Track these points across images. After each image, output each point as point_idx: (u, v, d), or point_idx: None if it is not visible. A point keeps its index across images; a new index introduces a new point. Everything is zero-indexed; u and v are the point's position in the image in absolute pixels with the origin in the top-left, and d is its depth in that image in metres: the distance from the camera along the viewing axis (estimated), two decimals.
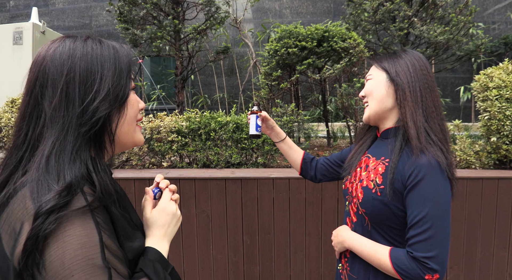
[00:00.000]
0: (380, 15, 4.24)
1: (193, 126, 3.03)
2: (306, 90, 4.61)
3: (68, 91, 0.73)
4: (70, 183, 0.67)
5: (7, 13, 8.37)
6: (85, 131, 0.73)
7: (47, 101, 0.73)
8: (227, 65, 7.34)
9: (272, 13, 7.70)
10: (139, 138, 0.88)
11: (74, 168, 0.70)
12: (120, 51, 0.81)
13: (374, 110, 1.22)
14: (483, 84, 2.90)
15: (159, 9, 4.46)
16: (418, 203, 1.04)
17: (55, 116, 0.72)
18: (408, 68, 1.17)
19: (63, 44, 0.77)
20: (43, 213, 0.62)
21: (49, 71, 0.74)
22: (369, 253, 1.13)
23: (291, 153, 1.63)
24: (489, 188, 2.55)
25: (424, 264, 1.00)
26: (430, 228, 1.02)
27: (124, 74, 0.80)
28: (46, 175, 0.68)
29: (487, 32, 7.10)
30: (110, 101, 0.76)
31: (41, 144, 0.72)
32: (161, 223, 0.87)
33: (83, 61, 0.75)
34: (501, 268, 2.58)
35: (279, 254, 2.60)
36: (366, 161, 1.25)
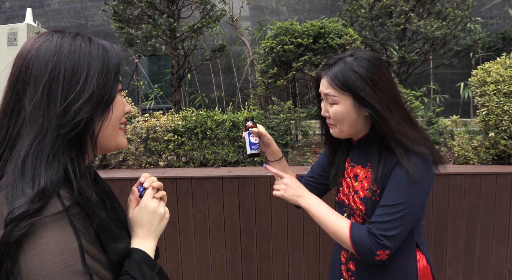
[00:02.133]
0: (377, 10, 4.22)
1: (189, 125, 3.01)
2: (303, 87, 4.59)
3: (50, 89, 0.69)
4: (44, 188, 0.64)
5: (2, 15, 8.33)
6: (65, 133, 0.69)
7: (28, 98, 0.69)
8: (224, 63, 7.31)
9: (268, 10, 7.67)
10: (122, 142, 0.84)
11: (51, 171, 0.66)
12: (110, 51, 0.78)
13: (347, 132, 1.17)
14: (480, 79, 2.88)
15: (154, 8, 4.43)
16: (395, 189, 1.07)
17: (35, 114, 0.69)
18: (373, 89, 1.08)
19: (50, 39, 0.73)
20: (13, 220, 0.60)
21: (33, 66, 0.70)
22: (330, 218, 1.14)
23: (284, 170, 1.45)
24: (487, 184, 2.53)
25: (378, 241, 1.04)
26: (395, 214, 1.05)
27: (111, 76, 0.76)
28: (21, 178, 0.65)
29: (485, 27, 7.08)
30: (94, 103, 0.72)
31: (18, 144, 0.69)
32: (143, 222, 0.84)
33: (69, 59, 0.71)
34: (500, 264, 2.57)
35: (277, 252, 2.59)
36: (353, 171, 1.23)
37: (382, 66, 1.12)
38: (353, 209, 1.21)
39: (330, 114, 1.15)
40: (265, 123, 3.20)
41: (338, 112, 1.13)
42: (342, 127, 1.15)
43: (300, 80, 4.36)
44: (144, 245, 0.82)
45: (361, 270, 1.22)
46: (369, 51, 1.18)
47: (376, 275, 1.18)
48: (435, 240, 2.55)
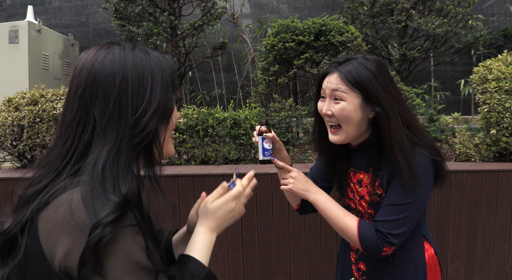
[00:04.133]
0: (378, 8, 4.20)
1: (190, 122, 3.01)
2: (304, 84, 4.58)
3: (121, 101, 0.72)
4: (126, 195, 0.68)
5: (3, 12, 8.32)
6: (137, 143, 0.73)
7: (98, 110, 0.72)
8: (225, 61, 7.30)
9: (269, 8, 7.65)
10: (171, 149, 0.88)
11: (127, 180, 0.70)
12: (165, 62, 0.80)
13: (352, 135, 1.14)
14: (482, 76, 2.88)
15: (155, 5, 4.43)
16: (401, 189, 1.08)
17: (108, 125, 0.71)
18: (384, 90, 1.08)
19: (113, 51, 0.75)
20: (103, 224, 0.63)
21: (100, 78, 0.72)
22: (338, 215, 1.15)
23: None
24: (489, 181, 2.53)
25: (385, 239, 1.07)
26: (402, 213, 1.08)
27: (169, 87, 0.79)
28: (101, 184, 0.68)
29: (486, 24, 7.05)
30: (160, 114, 0.75)
31: (91, 153, 0.71)
32: (217, 216, 0.87)
33: (134, 72, 0.74)
34: (502, 261, 2.57)
35: (278, 250, 2.59)
36: (356, 176, 1.23)
37: (389, 73, 1.14)
38: (362, 213, 1.22)
39: (335, 112, 1.10)
40: (266, 120, 3.20)
41: (345, 109, 1.09)
42: (347, 127, 1.11)
43: (301, 77, 4.36)
44: (207, 236, 0.86)
45: (372, 269, 1.23)
46: (377, 57, 1.19)
47: (386, 272, 1.18)
48: (437, 237, 2.55)
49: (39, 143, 3.01)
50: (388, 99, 1.08)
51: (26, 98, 3.08)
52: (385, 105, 1.07)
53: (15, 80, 4.41)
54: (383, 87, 1.09)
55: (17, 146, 3.07)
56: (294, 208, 1.42)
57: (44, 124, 2.98)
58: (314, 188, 1.20)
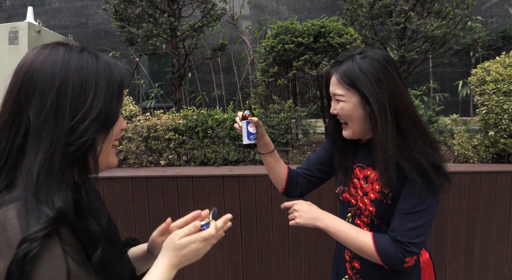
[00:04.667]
0: (377, 9, 4.22)
1: (190, 124, 3.02)
2: (304, 86, 4.59)
3: (58, 104, 0.67)
4: (61, 209, 0.64)
5: (3, 13, 8.33)
6: (72, 151, 0.68)
7: (33, 111, 0.67)
8: (224, 62, 7.31)
9: (269, 9, 7.67)
10: (113, 161, 0.82)
11: (62, 192, 0.66)
12: (115, 68, 0.76)
13: (357, 131, 1.18)
14: (480, 78, 2.89)
15: (155, 7, 4.44)
16: (415, 196, 1.08)
17: (42, 128, 0.67)
18: (374, 87, 1.09)
19: (56, 51, 0.71)
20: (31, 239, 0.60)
21: (38, 78, 0.68)
22: (350, 235, 1.14)
23: (277, 167, 1.43)
24: (487, 182, 2.54)
25: (406, 248, 1.06)
26: (420, 219, 1.08)
27: (115, 95, 0.74)
28: (35, 196, 0.64)
29: (485, 26, 7.07)
30: (100, 123, 0.71)
31: (25, 158, 0.67)
32: (181, 254, 0.83)
33: (77, 75, 0.70)
34: (500, 262, 2.58)
35: (277, 251, 2.60)
36: (363, 172, 1.23)
37: (390, 66, 1.13)
38: (361, 210, 1.21)
39: (338, 111, 1.17)
40: (266, 122, 3.21)
41: (345, 109, 1.15)
42: (353, 125, 1.16)
43: (300, 79, 4.36)
44: (166, 272, 0.82)
45: (366, 267, 1.23)
46: (380, 50, 1.19)
47: (380, 271, 1.19)
48: (436, 238, 2.56)
49: None
50: (378, 96, 1.08)
51: None
52: (373, 103, 1.08)
53: None
54: (375, 84, 1.09)
55: None
56: (280, 192, 1.48)
57: None
58: (320, 214, 1.21)
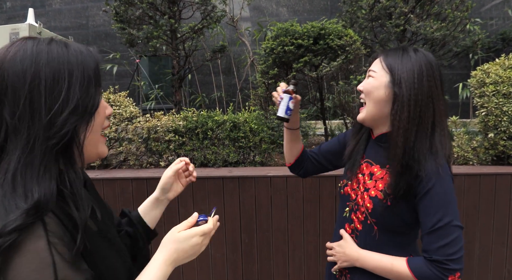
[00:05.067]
0: (376, 12, 4.23)
1: (190, 125, 3.02)
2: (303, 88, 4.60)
3: (32, 100, 0.67)
4: (38, 201, 0.63)
5: (3, 15, 8.34)
6: (53, 144, 0.68)
7: (7, 110, 0.67)
8: (224, 64, 7.32)
9: (268, 11, 7.68)
10: (102, 150, 0.82)
11: (43, 184, 0.66)
12: (88, 56, 0.74)
13: (371, 113, 1.18)
14: (479, 80, 2.90)
15: (155, 9, 4.45)
16: (435, 210, 1.04)
17: (19, 127, 0.66)
18: (414, 76, 1.09)
19: (24, 47, 0.69)
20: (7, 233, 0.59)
21: (9, 76, 0.67)
22: (386, 268, 1.12)
23: (295, 144, 1.48)
24: (487, 184, 2.55)
25: (444, 267, 1.01)
26: (451, 233, 1.03)
27: (92, 81, 0.74)
28: (13, 193, 0.64)
29: (485, 27, 7.08)
30: (79, 113, 0.70)
31: (4, 158, 0.67)
32: (179, 248, 0.82)
33: (48, 68, 0.68)
34: (500, 264, 2.59)
35: (277, 252, 2.60)
36: (369, 168, 1.22)
37: (436, 70, 1.12)
38: (359, 205, 1.21)
39: (363, 85, 1.19)
40: (266, 123, 3.21)
41: (370, 83, 1.17)
42: (369, 102, 1.17)
43: (300, 81, 4.37)
44: (163, 268, 0.80)
45: (358, 276, 1.23)
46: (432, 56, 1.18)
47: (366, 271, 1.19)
48: None
49: None
50: (414, 86, 1.08)
51: None
52: (405, 87, 1.08)
53: None
54: (415, 74, 1.09)
55: None
56: (286, 165, 1.54)
57: None
58: (353, 256, 1.20)
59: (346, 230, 1.27)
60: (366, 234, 1.20)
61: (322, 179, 2.54)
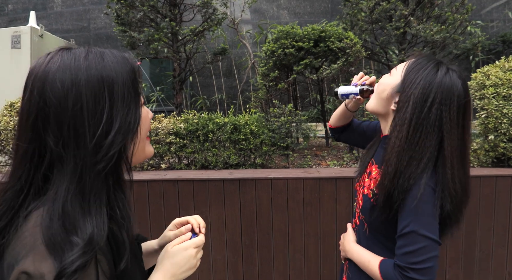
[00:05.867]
0: (377, 14, 4.24)
1: (191, 127, 3.03)
2: (304, 90, 4.61)
3: (76, 126, 0.63)
4: (92, 237, 0.61)
5: (5, 17, 8.37)
6: (101, 168, 0.64)
7: (51, 138, 0.63)
8: (225, 66, 7.34)
9: (269, 14, 7.70)
10: (149, 151, 0.81)
11: (95, 215, 0.63)
12: (124, 65, 0.69)
13: (371, 106, 1.21)
14: (480, 82, 2.90)
15: (156, 12, 4.47)
16: (405, 216, 1.02)
17: (65, 155, 0.63)
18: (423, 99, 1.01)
19: (63, 65, 0.65)
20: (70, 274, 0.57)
21: (51, 103, 0.62)
22: (364, 263, 1.16)
23: (345, 119, 1.53)
24: (487, 186, 2.55)
25: (405, 274, 0.99)
26: (416, 242, 1.00)
27: (132, 94, 0.69)
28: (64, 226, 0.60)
29: (485, 30, 7.09)
30: (124, 131, 0.67)
31: (50, 188, 0.63)
32: (175, 262, 0.80)
33: (88, 88, 0.64)
34: (500, 267, 2.58)
35: (278, 254, 2.60)
36: (371, 167, 1.25)
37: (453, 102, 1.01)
38: (357, 202, 1.26)
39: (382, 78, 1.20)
40: (266, 125, 3.22)
41: (383, 79, 1.17)
42: (373, 95, 1.21)
43: (301, 83, 4.39)
44: None
45: (353, 266, 1.26)
46: (465, 82, 1.06)
47: None
48: None
49: None
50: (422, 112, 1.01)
51: None
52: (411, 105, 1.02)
53: (17, 84, 4.40)
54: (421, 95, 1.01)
55: None
56: (328, 125, 1.60)
57: None
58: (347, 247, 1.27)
59: (352, 224, 1.32)
60: (360, 230, 1.24)
61: (322, 181, 2.55)
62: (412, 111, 1.02)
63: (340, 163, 3.30)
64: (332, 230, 2.57)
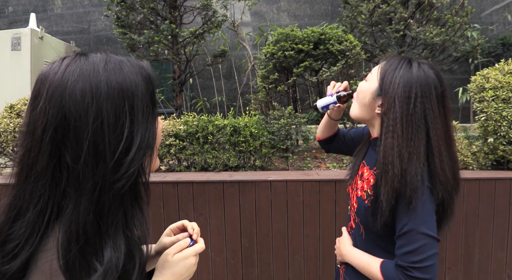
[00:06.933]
0: (376, 17, 4.26)
1: (190, 129, 3.04)
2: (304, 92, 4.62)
3: (96, 141, 0.59)
4: (111, 259, 0.59)
5: (5, 19, 8.39)
6: (120, 187, 0.61)
7: (70, 154, 0.59)
8: (225, 68, 7.36)
9: (269, 16, 7.72)
10: (156, 164, 0.78)
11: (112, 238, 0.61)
12: (141, 75, 0.66)
13: (355, 114, 1.22)
14: (479, 85, 2.91)
15: (156, 14, 4.48)
16: (401, 216, 1.04)
17: (84, 173, 0.59)
18: (405, 96, 1.05)
19: (82, 76, 0.60)
20: None
21: (70, 115, 0.58)
22: (363, 266, 1.14)
23: (331, 129, 1.54)
24: (486, 189, 2.55)
25: (408, 274, 0.99)
26: (416, 241, 1.01)
27: (151, 106, 0.66)
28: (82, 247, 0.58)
29: (485, 32, 7.11)
30: (145, 147, 0.64)
31: (66, 207, 0.60)
32: (175, 271, 0.79)
33: (109, 102, 0.60)
34: (500, 269, 2.58)
35: (277, 256, 2.60)
36: (362, 169, 1.25)
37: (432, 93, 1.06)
38: (351, 204, 1.26)
39: (359, 85, 1.22)
40: (266, 128, 3.22)
41: (362, 86, 1.20)
42: (355, 103, 1.22)
43: (300, 85, 4.39)
44: None
45: (350, 269, 1.25)
46: (437, 72, 1.11)
47: None
48: None
49: None
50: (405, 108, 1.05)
51: None
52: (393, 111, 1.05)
53: (17, 86, 4.45)
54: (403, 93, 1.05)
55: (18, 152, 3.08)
56: (317, 138, 1.60)
57: None
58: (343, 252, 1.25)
59: (347, 228, 1.32)
60: (357, 233, 1.24)
61: (322, 183, 2.55)
62: (400, 110, 1.05)
63: (339, 166, 3.30)
64: (332, 232, 2.57)
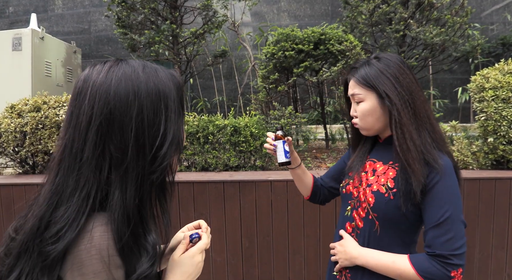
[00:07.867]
0: (376, 17, 4.26)
1: (191, 129, 3.04)
2: (304, 92, 4.62)
3: (138, 135, 0.67)
4: (155, 243, 0.67)
5: (6, 19, 8.40)
6: (155, 178, 0.69)
7: (114, 144, 0.66)
8: (226, 68, 7.37)
9: (270, 16, 7.73)
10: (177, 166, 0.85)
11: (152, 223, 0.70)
12: (173, 81, 0.74)
13: (373, 130, 1.22)
14: (479, 85, 2.91)
15: (157, 14, 4.49)
16: (439, 204, 1.05)
17: (128, 163, 0.66)
18: (393, 83, 1.14)
19: (125, 76, 0.68)
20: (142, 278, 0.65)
21: (115, 109, 0.65)
22: (387, 265, 1.11)
23: (304, 177, 1.52)
24: (486, 189, 2.55)
25: (448, 262, 1.00)
26: (456, 227, 1.03)
27: (180, 109, 0.74)
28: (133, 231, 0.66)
29: (485, 33, 7.12)
30: (176, 144, 0.71)
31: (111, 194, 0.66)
32: (184, 270, 0.82)
33: (148, 100, 0.68)
34: (500, 269, 2.59)
35: (277, 256, 2.61)
36: (372, 166, 1.24)
37: (403, 65, 1.18)
38: (360, 202, 1.22)
39: (358, 113, 1.21)
40: (266, 128, 3.23)
41: (365, 109, 1.18)
42: (367, 125, 1.21)
43: (301, 85, 4.40)
44: None
45: (360, 272, 1.22)
46: (393, 53, 1.24)
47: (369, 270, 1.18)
48: None
49: (41, 149, 3.04)
50: (397, 90, 1.13)
51: (29, 104, 3.12)
52: (393, 98, 1.12)
53: (18, 86, 4.46)
54: (392, 80, 1.14)
55: (19, 152, 3.10)
56: (305, 198, 1.56)
57: (46, 130, 3.01)
58: (353, 253, 1.21)
59: (347, 229, 1.28)
60: (367, 231, 1.20)
61: None
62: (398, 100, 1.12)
63: None
64: (332, 232, 2.57)
